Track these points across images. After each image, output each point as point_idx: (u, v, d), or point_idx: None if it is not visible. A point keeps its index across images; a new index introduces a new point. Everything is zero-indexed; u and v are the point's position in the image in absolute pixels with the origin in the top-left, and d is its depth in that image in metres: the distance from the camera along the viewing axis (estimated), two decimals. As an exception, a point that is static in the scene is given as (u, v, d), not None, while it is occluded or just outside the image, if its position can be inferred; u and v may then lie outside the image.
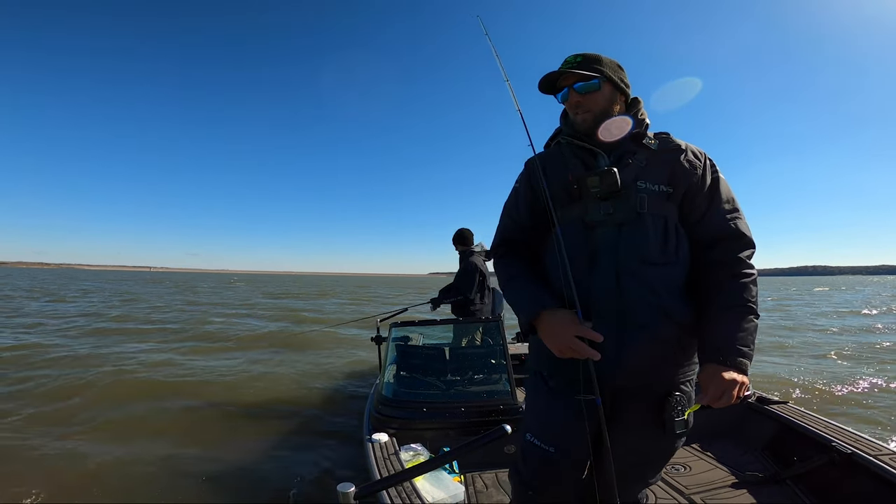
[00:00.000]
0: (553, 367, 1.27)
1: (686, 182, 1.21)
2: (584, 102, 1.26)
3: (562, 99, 1.32)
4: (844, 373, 6.15)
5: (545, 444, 1.24)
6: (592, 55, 1.28)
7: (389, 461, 1.99)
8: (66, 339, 8.15)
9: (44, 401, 4.47)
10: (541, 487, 1.25)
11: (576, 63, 1.27)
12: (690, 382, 1.23)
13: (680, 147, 1.25)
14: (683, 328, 1.17)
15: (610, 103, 1.27)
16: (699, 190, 1.21)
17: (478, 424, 2.45)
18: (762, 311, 1.16)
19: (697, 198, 1.21)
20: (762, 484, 2.15)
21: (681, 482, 2.19)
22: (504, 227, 1.44)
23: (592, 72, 1.24)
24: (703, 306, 1.19)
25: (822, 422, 2.36)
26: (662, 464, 1.32)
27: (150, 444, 3.53)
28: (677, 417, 1.15)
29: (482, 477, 2.31)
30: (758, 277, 1.20)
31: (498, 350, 3.02)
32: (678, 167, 1.22)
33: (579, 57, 1.28)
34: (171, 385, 5.12)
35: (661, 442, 1.22)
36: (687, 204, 1.22)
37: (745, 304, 1.14)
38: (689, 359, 1.22)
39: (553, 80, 1.30)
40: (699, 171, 1.22)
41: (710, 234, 1.21)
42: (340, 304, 20.51)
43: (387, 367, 2.95)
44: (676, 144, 1.26)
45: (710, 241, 1.21)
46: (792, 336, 9.82)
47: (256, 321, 12.47)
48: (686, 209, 1.22)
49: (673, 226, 1.20)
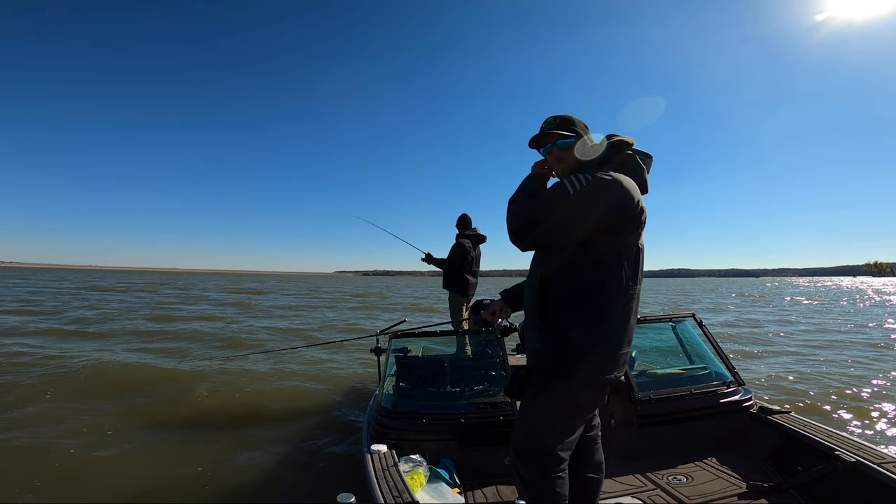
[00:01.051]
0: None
1: None
2: (563, 155, 1.59)
3: (545, 153, 1.65)
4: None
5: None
6: (567, 118, 1.62)
7: (388, 472, 1.97)
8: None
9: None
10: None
11: (556, 124, 1.61)
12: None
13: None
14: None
15: (565, 158, 1.60)
16: None
17: (478, 436, 2.43)
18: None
19: None
20: (765, 493, 2.13)
21: (683, 493, 2.17)
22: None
23: (570, 132, 1.58)
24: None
25: (825, 430, 2.34)
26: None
27: (139, 458, 3.49)
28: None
29: (483, 490, 2.28)
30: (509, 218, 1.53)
31: (498, 362, 3.01)
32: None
33: (558, 119, 1.62)
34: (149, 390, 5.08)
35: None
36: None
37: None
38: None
39: (538, 139, 1.64)
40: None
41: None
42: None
43: (386, 378, 2.94)
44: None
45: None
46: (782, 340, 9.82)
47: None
48: None
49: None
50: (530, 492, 1.55)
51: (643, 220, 1.52)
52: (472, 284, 4.87)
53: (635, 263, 1.52)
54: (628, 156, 1.60)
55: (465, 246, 4.78)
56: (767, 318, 15.17)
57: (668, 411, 2.57)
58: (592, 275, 1.46)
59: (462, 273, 4.79)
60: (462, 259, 4.76)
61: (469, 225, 5.00)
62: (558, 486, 1.52)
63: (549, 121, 1.63)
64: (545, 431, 1.54)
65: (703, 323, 3.12)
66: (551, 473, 1.52)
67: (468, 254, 4.78)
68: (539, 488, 1.52)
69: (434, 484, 2.12)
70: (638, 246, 1.53)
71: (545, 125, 1.63)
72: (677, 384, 2.76)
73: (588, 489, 1.72)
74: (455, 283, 4.82)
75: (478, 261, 4.97)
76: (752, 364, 7.05)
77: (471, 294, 4.90)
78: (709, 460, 2.49)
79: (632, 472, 2.39)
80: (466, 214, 5.03)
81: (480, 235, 5.00)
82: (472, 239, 4.92)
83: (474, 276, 4.90)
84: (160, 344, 8.56)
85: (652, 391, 2.63)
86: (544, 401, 1.54)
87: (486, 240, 5.07)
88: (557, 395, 1.52)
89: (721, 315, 16.16)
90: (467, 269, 4.80)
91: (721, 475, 2.33)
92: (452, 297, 4.86)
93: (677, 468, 2.41)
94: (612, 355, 1.49)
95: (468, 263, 4.80)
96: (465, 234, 4.93)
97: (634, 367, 2.90)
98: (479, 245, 5.01)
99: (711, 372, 2.91)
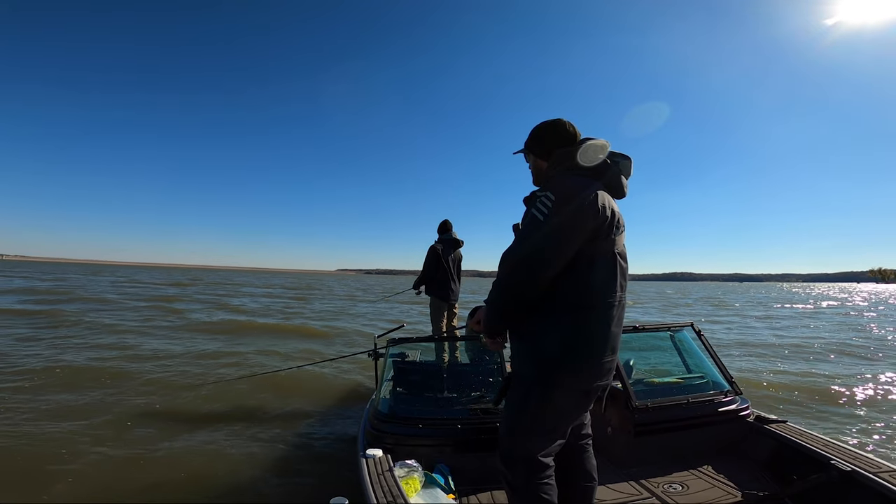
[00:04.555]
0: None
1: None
2: (531, 165, 1.77)
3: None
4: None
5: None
6: (535, 128, 1.73)
7: (383, 477, 1.96)
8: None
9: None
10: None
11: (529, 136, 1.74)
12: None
13: (535, 195, 1.54)
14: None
15: (534, 167, 1.76)
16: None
17: (473, 442, 2.43)
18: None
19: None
20: (761, 502, 2.12)
21: (678, 501, 2.16)
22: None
23: (530, 143, 1.73)
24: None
25: (822, 440, 2.34)
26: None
27: (131, 465, 3.47)
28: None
29: (477, 496, 2.27)
30: (497, 280, 1.51)
31: (495, 368, 3.01)
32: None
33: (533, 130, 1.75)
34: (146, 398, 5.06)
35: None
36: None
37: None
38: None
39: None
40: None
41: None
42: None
43: (383, 382, 2.93)
44: (532, 194, 1.63)
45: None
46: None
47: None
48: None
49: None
50: (518, 498, 1.54)
51: (616, 226, 1.49)
52: (452, 290, 4.84)
53: (612, 270, 1.49)
54: (604, 162, 1.56)
55: (438, 250, 4.77)
56: (765, 325, 15.23)
57: (665, 420, 2.57)
58: (564, 283, 1.44)
59: (437, 278, 4.78)
60: (435, 263, 4.75)
61: (448, 230, 5.02)
62: (545, 492, 1.51)
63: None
64: (525, 438, 1.54)
65: (702, 332, 3.12)
66: (536, 480, 1.51)
67: (440, 258, 4.77)
68: (526, 495, 1.52)
69: (429, 489, 2.11)
70: (614, 252, 1.50)
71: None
72: (675, 393, 2.76)
73: (581, 497, 1.72)
74: (432, 288, 4.82)
75: (457, 265, 4.95)
76: (748, 372, 7.05)
77: (452, 300, 4.87)
78: (705, 469, 2.48)
79: (627, 480, 2.38)
80: (447, 220, 5.06)
81: (456, 240, 5.01)
82: (447, 243, 4.91)
83: (453, 280, 4.87)
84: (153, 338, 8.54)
85: (649, 400, 2.62)
86: (524, 407, 1.54)
87: (463, 244, 5.05)
88: (536, 402, 1.51)
89: (720, 322, 16.21)
90: (443, 273, 4.78)
91: (717, 484, 2.32)
92: (432, 302, 4.86)
93: (673, 476, 2.41)
94: (592, 363, 1.47)
95: (444, 268, 4.78)
96: (440, 238, 4.95)
97: (632, 375, 2.90)
98: (458, 249, 5.00)
99: (709, 381, 2.91)
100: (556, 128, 1.67)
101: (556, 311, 1.46)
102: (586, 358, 1.47)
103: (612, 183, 1.56)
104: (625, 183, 1.61)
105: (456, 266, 4.93)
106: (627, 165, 1.62)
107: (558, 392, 1.49)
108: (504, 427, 1.62)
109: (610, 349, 1.50)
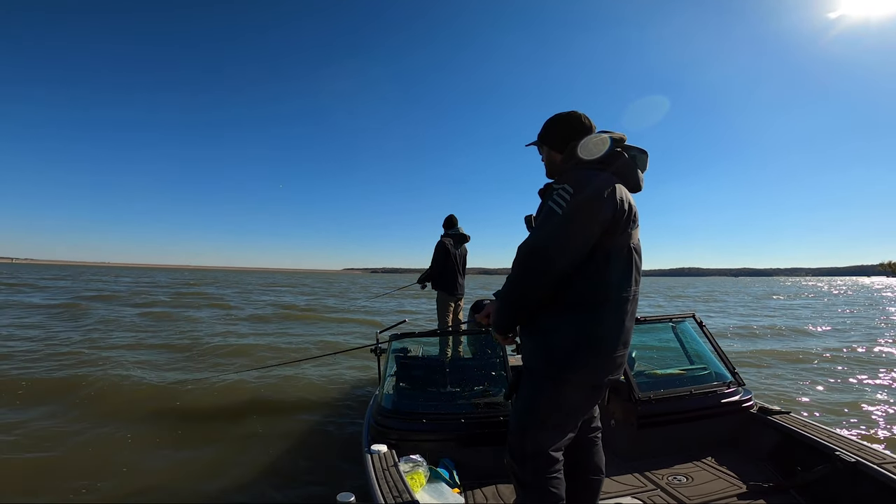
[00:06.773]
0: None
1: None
2: (545, 157, 1.73)
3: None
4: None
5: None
6: (549, 119, 1.70)
7: (388, 472, 1.97)
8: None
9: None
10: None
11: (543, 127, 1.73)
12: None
13: (550, 187, 1.52)
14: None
15: (547, 159, 1.72)
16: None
17: (478, 436, 2.44)
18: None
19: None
20: (765, 494, 2.13)
21: (683, 493, 2.16)
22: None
23: (542, 134, 1.71)
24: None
25: (826, 431, 2.34)
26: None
27: (140, 457, 3.50)
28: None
29: (482, 490, 2.28)
30: (511, 274, 1.50)
31: (498, 362, 3.01)
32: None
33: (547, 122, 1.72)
34: (152, 394, 5.08)
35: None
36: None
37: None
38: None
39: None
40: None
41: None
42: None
43: (386, 378, 2.94)
44: (547, 186, 1.60)
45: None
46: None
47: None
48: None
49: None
50: (527, 493, 1.54)
51: (632, 220, 1.49)
52: (459, 284, 4.90)
53: (627, 264, 1.49)
54: (616, 153, 1.55)
55: (446, 244, 4.83)
56: (772, 317, 15.20)
57: (668, 412, 2.57)
58: (580, 277, 1.44)
59: (446, 272, 4.84)
60: (444, 257, 4.80)
61: (454, 225, 5.08)
62: (554, 486, 1.51)
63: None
64: (536, 432, 1.54)
65: (704, 323, 3.12)
66: (545, 474, 1.51)
67: (450, 253, 4.83)
68: (535, 489, 1.52)
69: (434, 484, 2.12)
70: (630, 246, 1.49)
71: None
72: (677, 385, 2.76)
73: (588, 490, 1.72)
74: (439, 282, 4.87)
75: (463, 260, 5.02)
76: (751, 364, 7.05)
77: (459, 294, 4.92)
78: (708, 460, 2.49)
79: (632, 472, 2.39)
80: (453, 215, 5.11)
81: (463, 235, 5.06)
82: (455, 238, 4.96)
83: (460, 275, 4.94)
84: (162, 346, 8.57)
85: (652, 392, 2.63)
86: (535, 402, 1.54)
87: (469, 239, 5.12)
88: (547, 397, 1.51)
89: (726, 316, 16.19)
90: (451, 268, 4.85)
91: (721, 475, 2.33)
92: (439, 297, 4.91)
93: (677, 468, 2.41)
94: (604, 358, 1.47)
95: (452, 263, 4.84)
96: (448, 233, 5.00)
97: (634, 367, 2.90)
98: (464, 244, 5.07)
99: (712, 372, 2.91)
100: (570, 120, 1.64)
101: (571, 305, 1.45)
102: (599, 353, 1.46)
103: (628, 176, 1.56)
104: (641, 177, 1.61)
105: (462, 261, 5.00)
106: (644, 159, 1.61)
107: (570, 387, 1.49)
108: (514, 422, 1.61)
109: (622, 343, 1.50)
